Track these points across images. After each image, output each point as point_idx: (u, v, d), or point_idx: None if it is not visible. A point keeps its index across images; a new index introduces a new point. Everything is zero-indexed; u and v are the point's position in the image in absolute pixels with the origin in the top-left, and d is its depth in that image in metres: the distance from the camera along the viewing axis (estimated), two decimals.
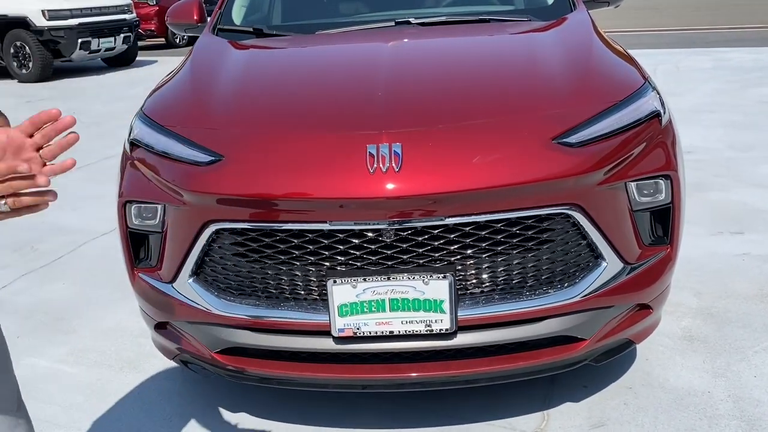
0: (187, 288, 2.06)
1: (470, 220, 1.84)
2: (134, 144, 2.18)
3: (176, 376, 2.62)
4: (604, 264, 1.98)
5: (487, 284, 1.94)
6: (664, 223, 2.09)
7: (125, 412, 2.42)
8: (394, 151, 1.81)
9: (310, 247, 1.90)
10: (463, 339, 1.94)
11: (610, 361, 2.49)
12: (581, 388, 2.39)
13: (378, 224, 1.83)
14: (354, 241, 1.87)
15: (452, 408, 2.31)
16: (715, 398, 2.29)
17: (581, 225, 1.91)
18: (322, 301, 1.96)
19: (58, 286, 3.48)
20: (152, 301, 2.17)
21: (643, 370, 2.48)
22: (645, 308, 2.13)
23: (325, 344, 1.96)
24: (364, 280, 1.86)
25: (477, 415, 2.27)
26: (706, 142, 5.23)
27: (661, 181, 2.02)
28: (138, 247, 2.19)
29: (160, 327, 2.22)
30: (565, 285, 1.97)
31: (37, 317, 3.15)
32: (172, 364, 2.69)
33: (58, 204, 4.74)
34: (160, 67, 11.35)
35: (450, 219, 1.83)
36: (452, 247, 1.87)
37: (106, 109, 8.18)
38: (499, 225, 1.87)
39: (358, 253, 1.88)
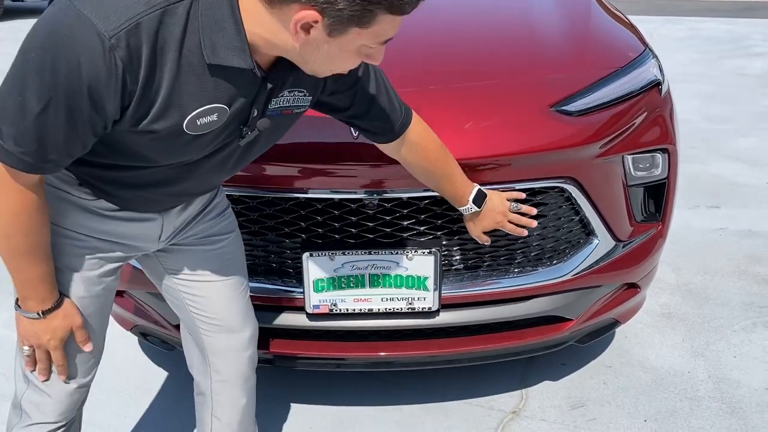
0: None
1: None
2: None
3: (135, 347, 2.46)
4: (595, 241, 1.87)
5: (474, 261, 1.82)
6: (657, 199, 1.99)
7: None
8: None
9: (285, 216, 1.74)
10: (446, 318, 1.82)
11: None
12: (560, 366, 2.32)
13: (361, 194, 1.68)
14: (333, 211, 1.72)
15: (429, 386, 2.22)
16: (695, 379, 2.25)
17: (575, 200, 1.79)
18: (296, 275, 1.81)
19: None
20: None
21: (622, 348, 2.42)
22: (633, 287, 2.04)
23: (298, 320, 1.82)
24: (343, 253, 1.72)
25: (455, 394, 2.18)
26: (681, 113, 5.13)
27: (658, 155, 1.91)
28: None
29: (117, 295, 2.04)
30: (555, 263, 1.86)
31: None
32: (129, 335, 2.52)
33: None
34: None
35: None
36: (439, 221, 1.74)
37: None
38: None
39: (337, 224, 1.73)
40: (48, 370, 1.30)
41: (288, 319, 1.83)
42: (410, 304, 1.77)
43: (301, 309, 1.81)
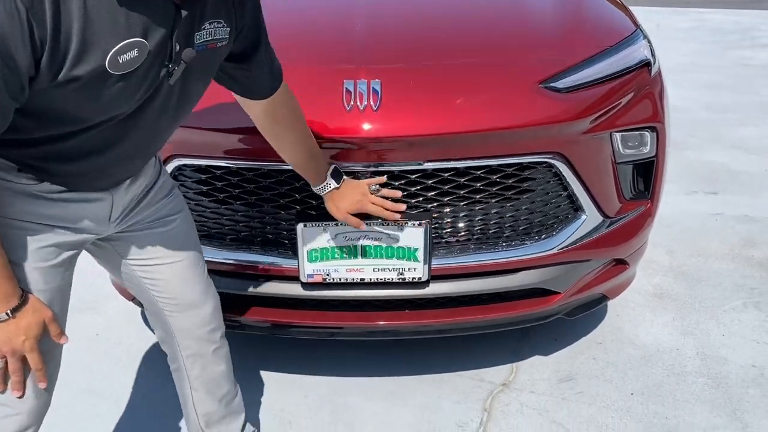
0: None
1: (450, 166, 1.74)
2: None
3: (135, 319, 2.52)
4: (583, 217, 1.92)
5: (463, 233, 1.87)
6: (646, 177, 2.03)
7: (81, 356, 2.32)
8: (373, 88, 1.69)
9: (280, 188, 1.80)
10: (436, 288, 1.87)
11: (582, 316, 2.48)
12: (552, 341, 2.37)
13: (353, 166, 1.73)
14: None
15: (421, 358, 2.27)
16: (683, 355, 2.29)
17: (563, 175, 1.83)
18: (290, 245, 1.86)
19: None
20: None
21: (613, 325, 2.47)
22: (621, 263, 2.09)
23: (293, 290, 1.87)
24: (336, 224, 1.77)
25: (446, 366, 2.24)
26: (683, 101, 5.19)
27: (646, 133, 1.95)
28: None
29: None
30: (543, 237, 1.91)
31: None
32: (131, 307, 2.59)
33: None
34: None
35: (429, 164, 1.73)
36: (429, 194, 1.79)
37: None
38: (479, 172, 1.78)
39: None
40: (23, 383, 1.20)
41: (283, 289, 1.88)
42: (401, 274, 1.82)
43: (295, 279, 1.86)
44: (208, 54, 1.20)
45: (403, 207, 1.71)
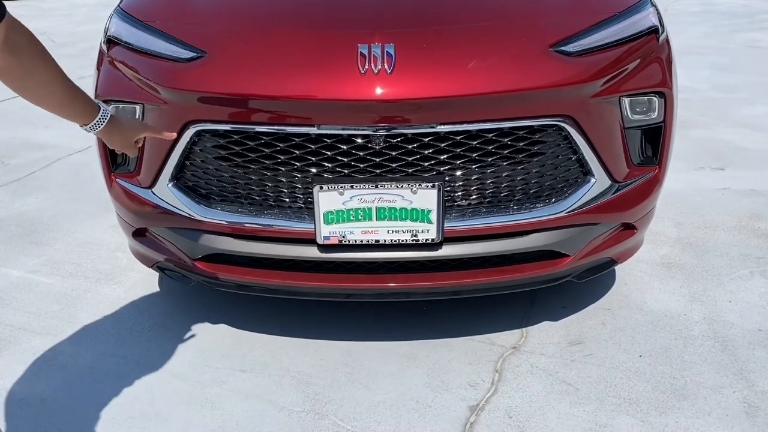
0: (166, 193, 2.00)
1: (462, 129, 1.79)
2: (111, 41, 2.08)
3: (154, 289, 2.59)
4: (592, 180, 1.96)
5: (475, 196, 1.92)
6: (654, 143, 2.07)
7: (103, 322, 2.39)
8: (387, 51, 1.74)
9: (297, 152, 1.85)
10: (449, 250, 1.92)
11: (590, 284, 2.53)
12: (560, 308, 2.42)
13: (368, 129, 1.78)
14: (342, 147, 1.82)
15: (434, 324, 2.33)
16: (690, 320, 2.34)
17: (573, 138, 1.87)
18: (307, 208, 1.92)
19: (31, 200, 3.38)
20: (130, 208, 2.11)
21: (621, 293, 2.51)
22: (629, 228, 2.13)
23: (310, 252, 1.93)
24: (352, 187, 1.82)
25: (458, 331, 2.29)
26: (692, 82, 5.21)
27: (654, 99, 1.99)
28: (115, 151, 2.11)
29: (138, 234, 2.17)
30: (553, 200, 1.95)
31: (8, 229, 3.07)
32: (149, 277, 2.66)
33: (30, 120, 4.61)
34: None
35: (442, 126, 1.78)
36: (442, 157, 1.83)
37: (79, 29, 7.86)
38: (490, 135, 1.82)
39: (345, 159, 1.83)
40: None
41: (300, 251, 1.94)
42: (414, 236, 1.87)
43: (312, 242, 1.92)
44: None
45: (173, 135, 1.66)
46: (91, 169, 3.77)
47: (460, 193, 1.91)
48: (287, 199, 1.92)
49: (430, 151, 1.82)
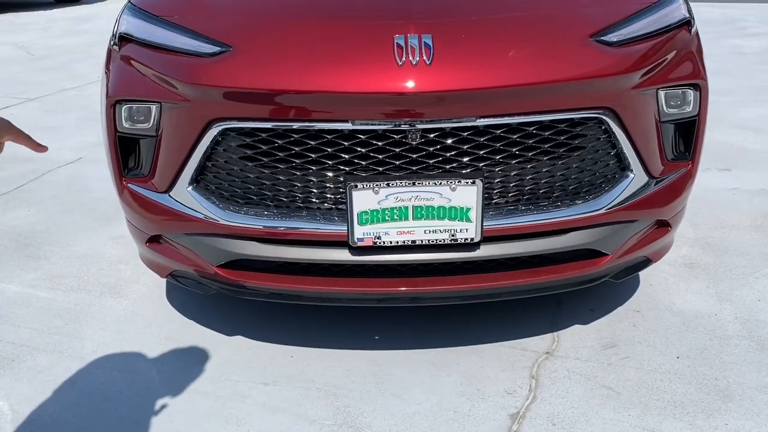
0: (186, 197, 1.89)
1: (502, 122, 1.72)
2: (124, 39, 1.97)
3: (162, 301, 2.46)
4: (631, 176, 1.90)
5: (513, 193, 1.84)
6: (686, 138, 2.02)
7: (110, 336, 2.25)
8: (425, 42, 1.66)
9: (329, 149, 1.75)
10: (487, 251, 1.84)
11: (615, 286, 2.46)
12: (588, 312, 2.35)
13: (405, 124, 1.69)
14: (377, 143, 1.73)
15: (460, 331, 2.24)
16: (722, 320, 2.28)
17: (612, 132, 1.81)
18: (338, 210, 1.82)
19: (22, 212, 3.23)
20: (144, 214, 1.99)
21: (648, 294, 2.45)
22: (664, 225, 2.07)
23: (341, 255, 1.83)
24: (387, 185, 1.73)
25: (484, 336, 2.20)
26: None
27: (689, 92, 1.94)
28: (127, 154, 1.99)
29: (151, 241, 2.05)
30: (591, 196, 1.89)
31: (1, 242, 2.92)
32: (156, 290, 2.53)
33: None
34: (111, 4, 10.72)
35: (481, 120, 1.70)
36: (481, 152, 1.76)
37: (57, 43, 7.67)
38: (530, 129, 1.75)
39: (380, 156, 1.75)
40: None
41: (332, 255, 1.84)
42: (453, 235, 1.79)
43: (344, 244, 1.82)
44: None
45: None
46: (83, 180, 3.62)
47: (498, 190, 1.83)
48: (318, 200, 1.82)
49: (469, 146, 1.75)
